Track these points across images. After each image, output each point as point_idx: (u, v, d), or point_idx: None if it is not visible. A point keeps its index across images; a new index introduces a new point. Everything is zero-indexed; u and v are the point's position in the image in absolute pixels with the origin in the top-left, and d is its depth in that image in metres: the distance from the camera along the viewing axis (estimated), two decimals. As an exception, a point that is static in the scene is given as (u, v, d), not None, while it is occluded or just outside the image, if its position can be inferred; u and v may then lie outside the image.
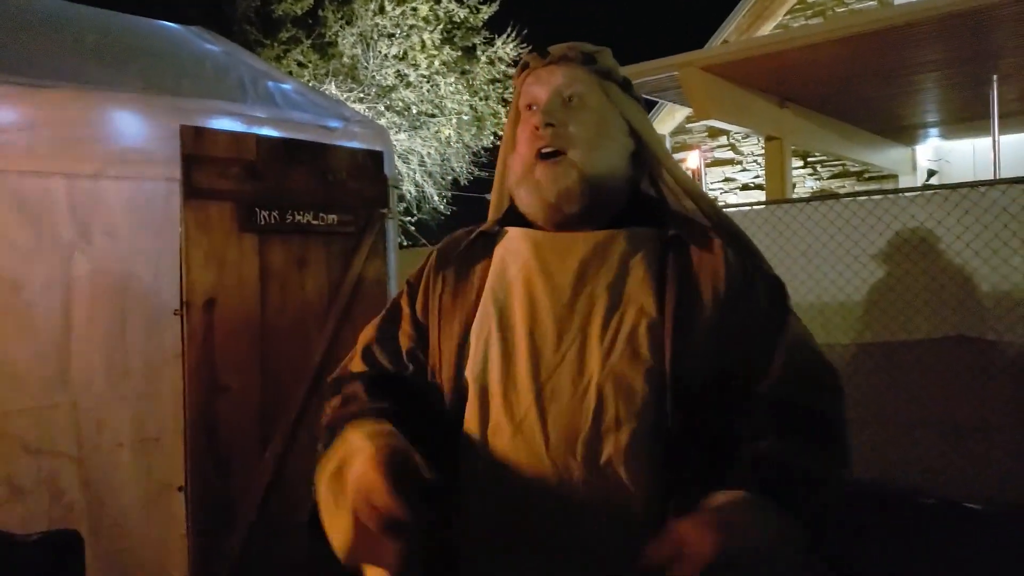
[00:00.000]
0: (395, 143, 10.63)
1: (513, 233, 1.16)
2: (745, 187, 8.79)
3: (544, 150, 1.10)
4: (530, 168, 1.12)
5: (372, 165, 3.10)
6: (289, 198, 2.89)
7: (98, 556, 2.59)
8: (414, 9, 10.49)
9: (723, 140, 8.90)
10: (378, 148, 3.20)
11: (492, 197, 1.29)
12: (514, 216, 1.18)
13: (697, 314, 1.05)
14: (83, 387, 2.56)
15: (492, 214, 1.27)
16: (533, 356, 1.04)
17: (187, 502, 2.72)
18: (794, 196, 6.58)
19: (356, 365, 1.19)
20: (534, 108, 1.15)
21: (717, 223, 1.19)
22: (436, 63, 10.65)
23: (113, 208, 2.59)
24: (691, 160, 4.15)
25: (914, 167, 7.76)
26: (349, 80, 10.57)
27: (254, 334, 2.84)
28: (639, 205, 1.17)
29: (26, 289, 2.43)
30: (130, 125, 2.59)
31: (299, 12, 10.43)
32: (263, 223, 2.83)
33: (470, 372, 1.07)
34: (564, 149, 1.10)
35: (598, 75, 1.17)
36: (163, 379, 2.73)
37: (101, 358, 2.60)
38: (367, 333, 1.23)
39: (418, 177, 11.19)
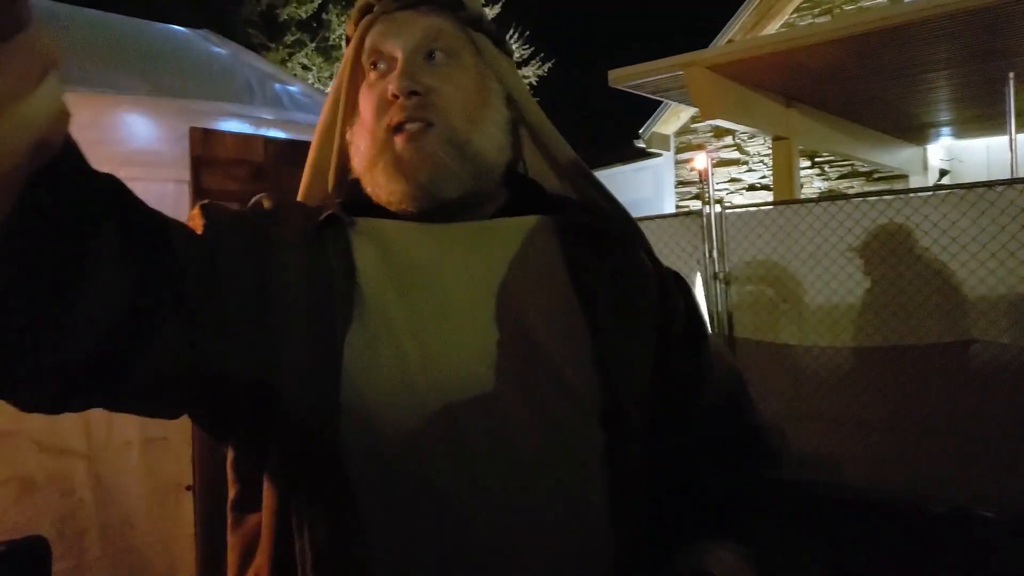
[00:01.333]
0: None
1: (370, 225, 0.86)
2: (752, 187, 8.77)
3: (406, 126, 0.84)
4: (385, 143, 0.84)
5: (380, 166, 3.11)
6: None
7: (107, 553, 2.60)
8: (421, 11, 10.51)
9: (729, 140, 8.88)
10: (386, 149, 3.20)
11: (308, 173, 0.98)
12: (359, 201, 0.88)
13: (624, 320, 0.87)
14: (92, 387, 2.57)
15: (307, 194, 0.97)
16: (451, 373, 0.79)
17: (195, 501, 2.73)
18: (802, 197, 6.56)
19: None
20: (381, 67, 0.88)
21: (614, 212, 0.97)
22: (443, 65, 10.67)
23: (123, 209, 2.59)
24: (699, 161, 4.15)
25: (925, 167, 7.73)
26: (355, 81, 10.58)
27: (262, 334, 2.84)
28: (518, 188, 0.95)
29: (36, 290, 2.43)
30: (140, 128, 2.60)
31: (303, 15, 10.47)
32: (271, 224, 2.83)
33: (361, 384, 0.77)
34: (432, 122, 0.84)
35: (467, 23, 0.90)
36: (172, 379, 2.74)
37: (110, 358, 2.60)
38: None
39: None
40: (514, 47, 11.11)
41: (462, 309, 0.82)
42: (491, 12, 11.07)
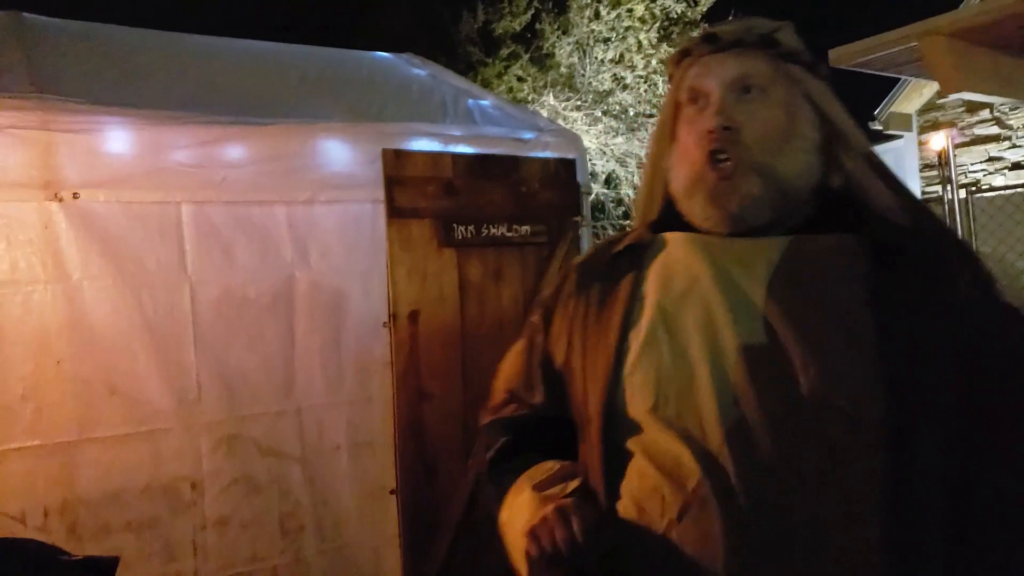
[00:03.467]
0: (612, 147, 10.59)
1: (676, 240, 1.01)
2: (1017, 166, 7.58)
3: (720, 156, 0.96)
4: (702, 175, 0.97)
5: (564, 173, 3.08)
6: (484, 212, 2.95)
7: (323, 551, 2.81)
8: (629, 11, 10.38)
9: (985, 114, 7.75)
10: (571, 156, 3.16)
11: (640, 198, 1.14)
12: (670, 220, 1.04)
13: (926, 349, 0.85)
14: (305, 394, 2.79)
15: (641, 218, 1.13)
16: (719, 384, 0.87)
17: (398, 505, 2.87)
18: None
19: (501, 409, 1.16)
20: (700, 103, 1.00)
21: (938, 231, 0.98)
22: (653, 62, 10.45)
23: (326, 230, 2.80)
24: (936, 141, 3.66)
25: None
26: (567, 89, 10.70)
27: (455, 344, 2.93)
28: (828, 205, 0.99)
29: (255, 306, 2.70)
30: (338, 152, 2.79)
31: (517, 28, 10.77)
32: (460, 238, 2.91)
33: (639, 403, 0.92)
34: (741, 156, 0.95)
35: (780, 59, 1.00)
36: (375, 387, 2.90)
37: (320, 367, 2.82)
38: (506, 370, 1.19)
39: (636, 180, 11.04)
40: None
41: (726, 321, 0.90)
42: (705, 4, 10.64)
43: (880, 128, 8.66)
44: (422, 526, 2.88)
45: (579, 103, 10.61)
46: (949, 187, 3.59)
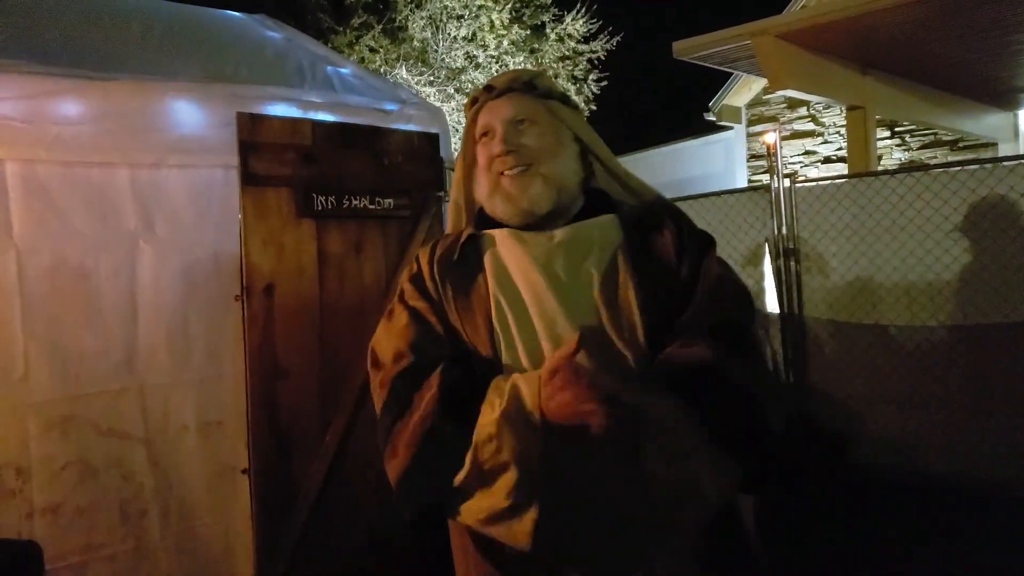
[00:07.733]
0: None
1: (499, 236, 1.39)
2: (827, 160, 8.39)
3: (508, 170, 1.36)
4: (497, 183, 1.37)
5: (428, 147, 3.05)
6: (345, 183, 2.87)
7: (168, 535, 2.67)
8: (482, -11, 10.40)
9: (803, 111, 8.50)
10: (434, 130, 3.14)
11: (451, 206, 1.55)
12: (485, 220, 1.43)
13: (658, 276, 1.33)
14: (149, 371, 2.62)
15: (457, 219, 1.54)
16: (549, 329, 1.28)
17: (251, 484, 2.76)
18: (879, 168, 6.22)
19: (401, 361, 1.33)
20: (489, 135, 1.40)
21: (657, 204, 1.49)
22: (505, 43, 10.55)
23: (174, 196, 2.63)
24: (769, 136, 3.98)
25: (1016, 134, 7.22)
26: (420, 64, 10.58)
27: (313, 318, 2.85)
28: (589, 198, 1.43)
29: (93, 277, 2.49)
30: (188, 114, 2.62)
31: (370, -1, 10.50)
32: (320, 208, 2.82)
33: (505, 352, 1.31)
34: (527, 163, 1.35)
35: (540, 97, 1.41)
36: (226, 363, 2.78)
37: (166, 343, 2.66)
38: (395, 335, 1.36)
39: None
40: (579, 23, 10.92)
41: (557, 282, 1.32)
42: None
43: (714, 119, 9.27)
44: (276, 505, 2.79)
45: (432, 79, 10.53)
46: (775, 177, 3.91)
